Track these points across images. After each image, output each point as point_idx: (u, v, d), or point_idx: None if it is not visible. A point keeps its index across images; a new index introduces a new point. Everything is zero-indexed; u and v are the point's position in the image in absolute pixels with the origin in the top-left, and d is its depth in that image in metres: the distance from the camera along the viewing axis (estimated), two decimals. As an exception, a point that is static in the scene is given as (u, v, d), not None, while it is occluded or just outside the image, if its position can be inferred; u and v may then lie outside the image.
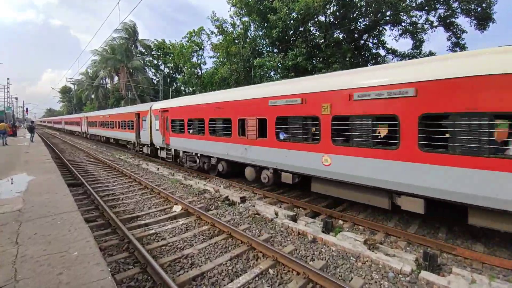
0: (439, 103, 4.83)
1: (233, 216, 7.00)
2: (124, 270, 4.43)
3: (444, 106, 4.77)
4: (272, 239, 5.67)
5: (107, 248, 5.16)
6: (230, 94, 10.22)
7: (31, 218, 5.10)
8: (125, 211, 7.39)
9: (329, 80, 6.86)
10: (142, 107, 18.00)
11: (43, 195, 6.61)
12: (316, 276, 4.10)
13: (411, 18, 22.93)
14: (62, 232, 4.46)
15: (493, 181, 4.33)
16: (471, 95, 4.47)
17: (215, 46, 28.45)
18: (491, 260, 4.71)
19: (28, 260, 3.60)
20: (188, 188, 9.92)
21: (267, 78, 24.41)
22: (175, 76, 47.85)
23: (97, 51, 45.51)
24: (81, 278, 3.19)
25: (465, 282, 3.87)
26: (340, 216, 6.92)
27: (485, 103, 4.34)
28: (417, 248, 5.35)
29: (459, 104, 4.59)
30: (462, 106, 4.56)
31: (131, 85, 41.30)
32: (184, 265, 4.63)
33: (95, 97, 55.42)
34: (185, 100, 13.14)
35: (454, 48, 22.07)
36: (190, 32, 35.54)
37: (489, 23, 20.03)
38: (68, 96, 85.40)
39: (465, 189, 4.60)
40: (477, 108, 4.41)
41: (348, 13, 22.86)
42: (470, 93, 4.48)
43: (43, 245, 4.00)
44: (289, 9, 20.38)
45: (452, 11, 20.96)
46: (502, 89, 4.19)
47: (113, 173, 12.67)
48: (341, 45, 21.86)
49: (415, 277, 4.21)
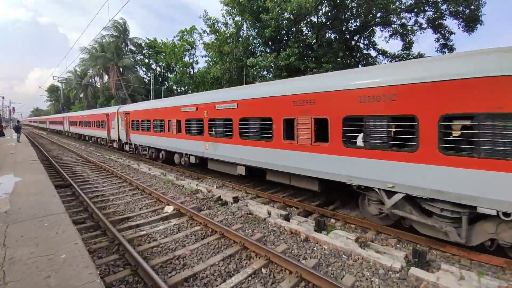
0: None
1: (226, 216, 6.97)
2: (114, 273, 4.35)
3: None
4: (265, 239, 5.68)
5: (96, 250, 5.06)
6: (161, 102, 14.32)
7: (18, 220, 4.95)
8: (115, 213, 7.26)
9: (204, 96, 10.99)
10: (111, 109, 21.30)
11: (30, 197, 6.43)
12: (308, 275, 4.13)
13: (400, 20, 23.31)
14: (50, 234, 4.35)
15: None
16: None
17: (207, 45, 28.28)
18: (479, 257, 4.82)
19: (16, 262, 3.50)
20: (180, 188, 9.83)
21: (260, 78, 24.42)
22: (167, 75, 47.32)
23: (86, 49, 44.56)
24: (70, 281, 3.11)
25: (454, 278, 3.96)
26: (332, 215, 6.99)
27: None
28: (406, 245, 5.45)
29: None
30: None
31: (121, 84, 40.61)
32: (176, 266, 4.58)
33: (84, 96, 54.26)
34: (140, 105, 16.99)
35: (443, 49, 22.57)
36: (182, 31, 35.27)
37: (477, 24, 20.49)
38: (56, 95, 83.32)
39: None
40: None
41: (340, 14, 23.07)
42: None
43: (31, 248, 3.89)
44: (281, 9, 20.42)
45: (440, 13, 21.40)
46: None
47: (102, 174, 12.43)
48: (333, 46, 22.06)
49: (404, 273, 4.29)
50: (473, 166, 4.28)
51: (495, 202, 4.12)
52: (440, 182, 4.59)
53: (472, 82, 4.25)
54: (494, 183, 4.11)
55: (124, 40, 44.63)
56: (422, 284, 3.98)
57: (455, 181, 4.45)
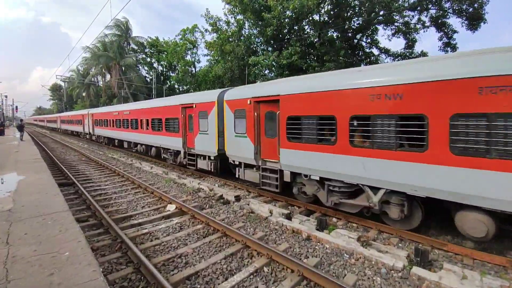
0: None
1: (228, 214, 6.99)
2: (117, 271, 4.38)
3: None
4: (267, 237, 5.69)
5: (99, 248, 5.10)
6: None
7: (22, 218, 4.99)
8: (118, 211, 7.30)
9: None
10: (84, 111, 28.08)
11: (34, 195, 6.47)
12: (310, 273, 4.13)
13: (403, 18, 23.15)
14: (53, 232, 4.38)
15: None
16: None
17: (209, 44, 28.24)
18: (481, 256, 4.80)
19: (19, 260, 3.53)
20: (182, 187, 9.86)
21: (262, 77, 24.37)
22: (168, 74, 47.33)
23: (88, 48, 44.64)
24: (73, 279, 3.13)
25: (456, 277, 3.94)
26: (334, 214, 6.98)
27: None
28: (408, 245, 5.44)
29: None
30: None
31: (123, 83, 40.69)
32: (178, 264, 4.61)
33: (86, 95, 54.39)
34: (98, 109, 23.85)
35: (445, 48, 22.40)
36: (184, 29, 35.21)
37: (481, 23, 20.31)
38: (58, 94, 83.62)
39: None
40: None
41: (342, 12, 22.95)
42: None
43: (34, 246, 3.92)
44: (283, 8, 20.34)
45: (443, 12, 21.23)
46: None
47: (105, 172, 12.50)
48: (335, 44, 21.96)
49: (406, 272, 4.28)
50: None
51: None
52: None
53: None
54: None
55: (126, 39, 44.65)
56: (424, 283, 3.97)
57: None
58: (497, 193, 4.21)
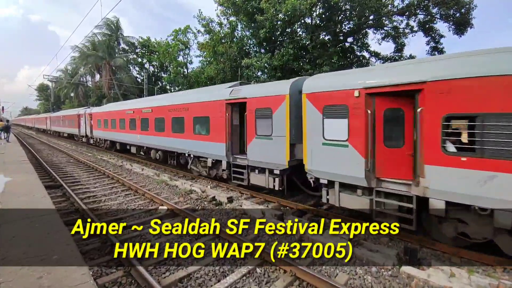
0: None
1: (220, 216, 6.97)
2: (107, 274, 4.30)
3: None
4: (259, 239, 5.69)
5: (88, 251, 5.00)
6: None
7: (9, 220, 4.86)
8: (107, 213, 7.17)
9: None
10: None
11: (21, 197, 6.30)
12: (302, 274, 4.17)
13: (392, 23, 23.71)
14: (42, 235, 4.28)
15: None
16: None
17: (201, 45, 28.14)
18: (469, 255, 4.90)
19: (8, 263, 3.45)
20: (174, 188, 9.77)
21: (255, 79, 24.44)
22: (160, 75, 46.87)
23: (77, 47, 43.74)
24: (63, 282, 3.08)
25: (444, 275, 4.05)
26: (326, 214, 7.06)
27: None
28: (398, 244, 5.55)
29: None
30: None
31: (114, 83, 40.05)
32: (170, 266, 4.56)
33: (75, 95, 53.22)
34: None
35: (433, 52, 23.03)
36: (176, 30, 34.95)
37: (467, 28, 20.95)
38: (46, 94, 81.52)
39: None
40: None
41: (334, 16, 23.29)
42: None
43: (23, 248, 3.83)
44: (276, 10, 20.50)
45: (431, 17, 21.83)
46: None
47: (94, 174, 12.25)
48: (327, 47, 22.24)
49: (396, 271, 4.37)
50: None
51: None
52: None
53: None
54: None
55: (116, 39, 44.00)
56: (414, 281, 4.07)
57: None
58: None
